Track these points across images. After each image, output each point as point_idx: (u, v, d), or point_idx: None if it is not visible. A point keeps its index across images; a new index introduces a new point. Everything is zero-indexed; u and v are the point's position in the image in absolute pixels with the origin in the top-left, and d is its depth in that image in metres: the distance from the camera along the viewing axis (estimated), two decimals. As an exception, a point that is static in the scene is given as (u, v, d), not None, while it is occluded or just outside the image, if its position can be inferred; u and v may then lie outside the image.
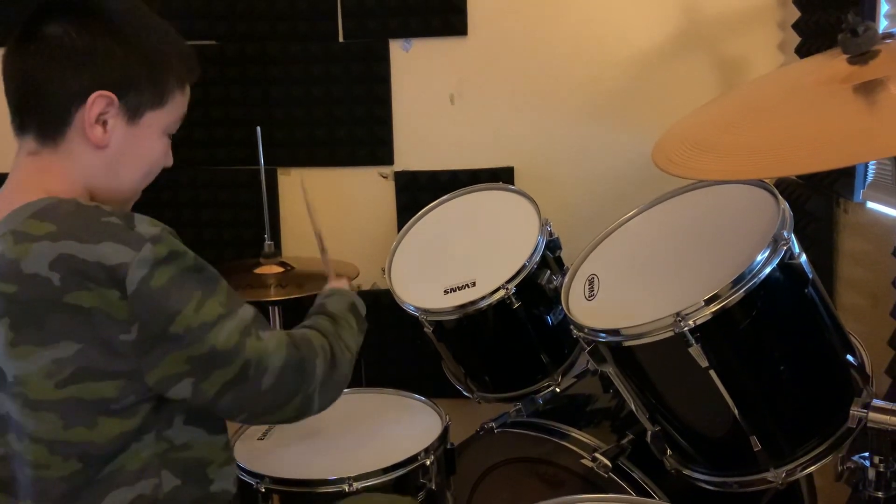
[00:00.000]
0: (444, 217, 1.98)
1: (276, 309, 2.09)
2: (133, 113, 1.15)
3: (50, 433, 1.05)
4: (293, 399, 1.19)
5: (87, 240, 1.02)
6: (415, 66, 2.30)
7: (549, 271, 1.74)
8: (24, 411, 1.05)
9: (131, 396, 1.07)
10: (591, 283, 1.47)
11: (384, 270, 1.90)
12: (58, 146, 1.13)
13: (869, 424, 1.23)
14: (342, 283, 1.53)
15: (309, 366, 1.20)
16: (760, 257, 1.23)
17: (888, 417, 1.21)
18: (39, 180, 1.12)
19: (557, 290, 1.61)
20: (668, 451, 1.45)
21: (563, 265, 1.83)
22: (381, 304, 2.37)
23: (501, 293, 1.68)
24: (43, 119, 1.13)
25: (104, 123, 1.13)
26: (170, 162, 1.25)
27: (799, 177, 2.04)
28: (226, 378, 1.10)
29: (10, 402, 1.06)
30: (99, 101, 1.11)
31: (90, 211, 1.07)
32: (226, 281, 1.14)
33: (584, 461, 1.54)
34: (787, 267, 1.25)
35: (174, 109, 1.21)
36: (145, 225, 1.06)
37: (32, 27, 1.12)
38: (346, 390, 1.56)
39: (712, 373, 1.25)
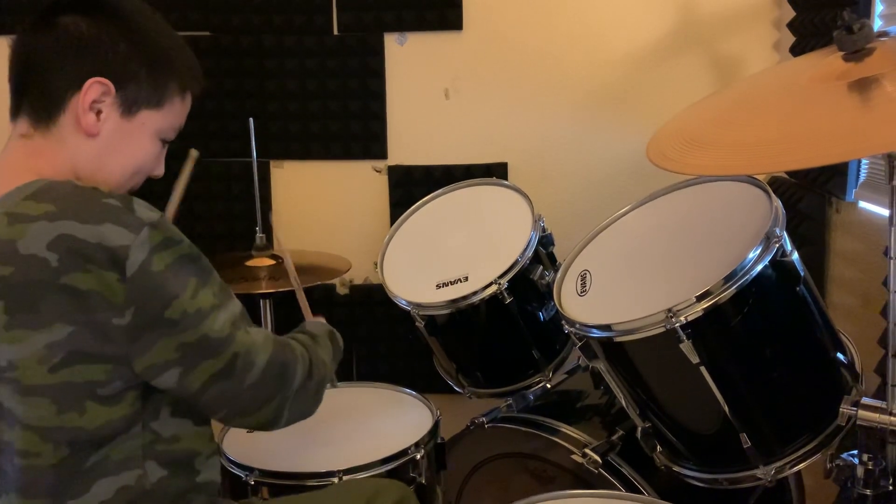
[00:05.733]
0: (437, 212, 1.98)
1: (268, 301, 2.09)
2: (129, 106, 1.16)
3: (43, 419, 1.04)
4: (271, 401, 1.18)
5: (87, 220, 1.01)
6: (409, 60, 2.29)
7: (541, 267, 1.74)
8: (17, 398, 1.04)
9: (118, 382, 1.06)
10: (583, 278, 1.47)
11: (376, 264, 1.89)
12: (50, 130, 1.13)
13: (858, 422, 1.23)
14: (320, 319, 1.55)
15: (290, 369, 1.20)
16: (752, 254, 1.23)
17: (877, 415, 1.21)
18: (29, 163, 1.12)
19: (550, 286, 1.61)
20: (658, 447, 1.45)
21: (555, 261, 1.83)
22: (373, 298, 2.37)
23: (494, 288, 1.68)
24: (39, 102, 1.13)
25: (98, 112, 1.14)
26: (160, 171, 1.26)
27: (792, 176, 2.04)
28: (213, 370, 1.09)
29: (2, 388, 1.05)
30: (95, 88, 1.12)
31: (89, 192, 1.06)
32: (217, 274, 1.14)
33: (574, 457, 1.54)
34: (779, 264, 1.25)
35: (171, 114, 1.23)
36: (144, 209, 1.06)
37: (47, 17, 1.13)
38: (338, 384, 1.57)
39: (703, 369, 1.26)
